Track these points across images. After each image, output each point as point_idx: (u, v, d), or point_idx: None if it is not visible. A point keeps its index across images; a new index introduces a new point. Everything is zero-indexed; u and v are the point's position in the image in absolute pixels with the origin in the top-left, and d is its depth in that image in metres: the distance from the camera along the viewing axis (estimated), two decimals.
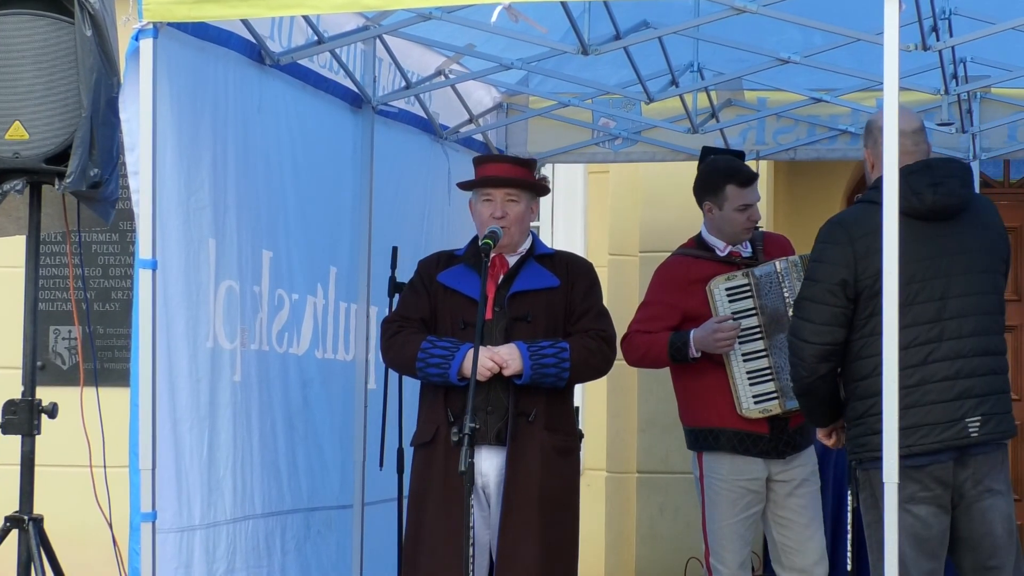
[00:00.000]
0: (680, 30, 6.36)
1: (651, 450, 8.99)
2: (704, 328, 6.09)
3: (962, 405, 5.09)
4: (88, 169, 5.12)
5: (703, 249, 6.27)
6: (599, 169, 9.24)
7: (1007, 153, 8.05)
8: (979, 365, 5.13)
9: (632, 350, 6.23)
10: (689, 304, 6.15)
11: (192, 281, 5.38)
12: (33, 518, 5.18)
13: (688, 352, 6.11)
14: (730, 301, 6.09)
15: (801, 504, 6.15)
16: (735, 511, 6.11)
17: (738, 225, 6.20)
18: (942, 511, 5.12)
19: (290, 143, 6.10)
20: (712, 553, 6.14)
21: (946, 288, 5.14)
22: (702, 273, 6.17)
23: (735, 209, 6.21)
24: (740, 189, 6.21)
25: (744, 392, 6.07)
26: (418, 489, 5.73)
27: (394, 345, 5.76)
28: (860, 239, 5.14)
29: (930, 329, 5.11)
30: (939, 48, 6.20)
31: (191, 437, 5.36)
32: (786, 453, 6.12)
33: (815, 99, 7.55)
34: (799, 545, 6.15)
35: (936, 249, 5.13)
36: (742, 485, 6.11)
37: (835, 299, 5.16)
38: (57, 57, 5.13)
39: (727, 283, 6.11)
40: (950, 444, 5.07)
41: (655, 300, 6.26)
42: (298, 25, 6.06)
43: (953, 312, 5.13)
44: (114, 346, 8.82)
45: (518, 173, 5.81)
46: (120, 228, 8.90)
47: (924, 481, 5.08)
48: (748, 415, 6.06)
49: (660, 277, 6.29)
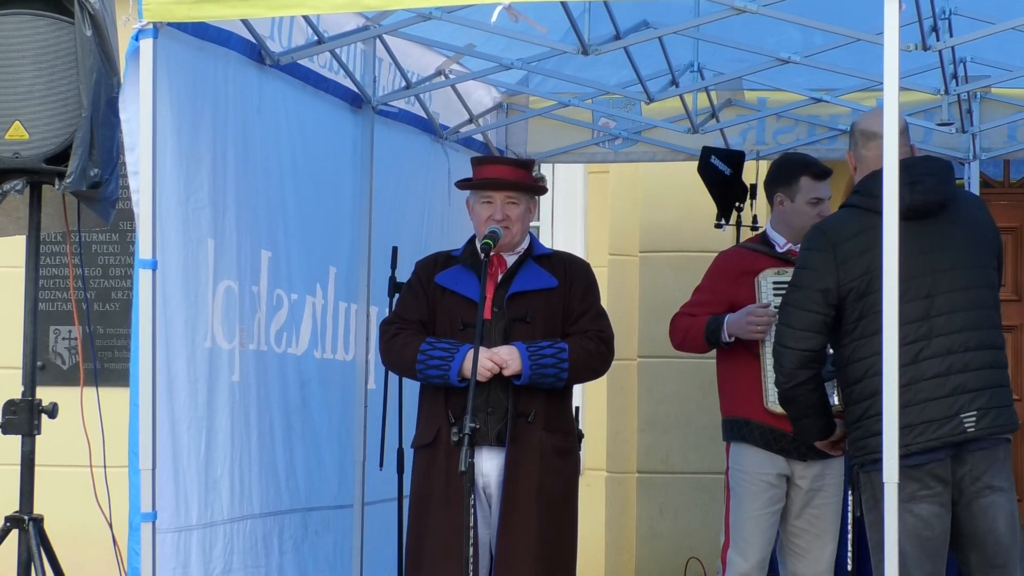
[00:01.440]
0: (680, 30, 6.36)
1: (651, 450, 8.99)
2: (740, 312, 6.10)
3: (956, 401, 5.07)
4: (88, 169, 5.12)
5: (764, 244, 6.28)
6: (599, 169, 9.24)
7: (1007, 153, 8.05)
8: (972, 360, 5.10)
9: (675, 332, 6.27)
10: (737, 295, 6.16)
11: (191, 281, 5.38)
12: (33, 518, 5.18)
13: (721, 335, 6.13)
14: (775, 294, 6.06)
15: (815, 514, 6.13)
16: (757, 505, 6.08)
17: (807, 218, 6.15)
18: (944, 510, 5.11)
19: (290, 143, 6.10)
20: (733, 545, 6.12)
21: (933, 285, 5.12)
22: (756, 266, 6.17)
23: (807, 202, 6.21)
24: (814, 182, 6.23)
25: (772, 385, 6.03)
26: (421, 491, 5.72)
27: (393, 347, 5.75)
28: (841, 244, 5.15)
29: (919, 327, 5.09)
30: (939, 48, 6.20)
31: (189, 437, 5.36)
32: (808, 456, 6.07)
33: (815, 99, 7.55)
34: (806, 553, 6.13)
35: (920, 247, 5.10)
36: (763, 479, 6.09)
37: (816, 306, 5.16)
38: (57, 57, 5.13)
39: (776, 276, 6.09)
40: (947, 441, 5.05)
41: (705, 287, 6.30)
42: (298, 25, 6.05)
43: (941, 308, 5.11)
44: (114, 346, 8.82)
45: (518, 176, 5.80)
46: (120, 228, 8.90)
47: (923, 479, 5.06)
48: (772, 409, 6.02)
49: (715, 266, 6.33)
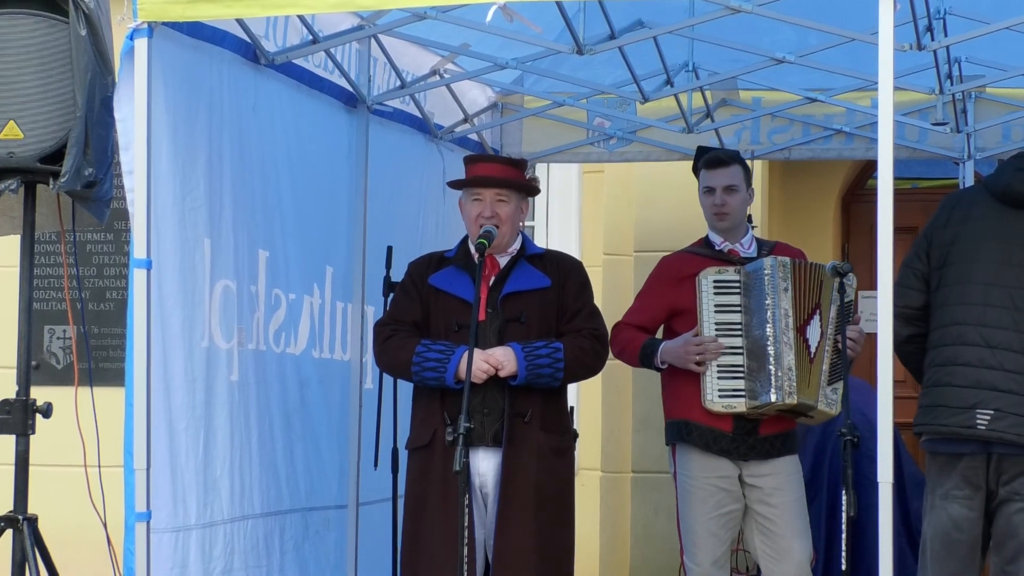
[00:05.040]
0: (675, 30, 6.36)
1: (646, 450, 8.99)
2: (677, 340, 6.02)
3: (977, 395, 5.02)
4: (83, 169, 5.12)
5: (705, 246, 6.23)
6: (594, 169, 9.24)
7: (1001, 153, 8.03)
8: (1007, 360, 5.03)
9: (614, 343, 6.16)
10: (678, 299, 6.08)
11: (187, 281, 5.38)
12: (28, 518, 5.18)
13: (654, 361, 6.07)
14: (715, 293, 5.99)
15: (775, 512, 6.00)
16: (706, 508, 5.98)
17: (706, 209, 6.14)
18: (975, 515, 5.07)
19: (285, 143, 6.10)
20: (685, 551, 6.04)
21: (997, 275, 5.06)
22: (696, 268, 6.07)
23: (703, 192, 6.17)
24: (706, 172, 6.16)
25: (711, 384, 5.96)
26: (416, 492, 5.72)
27: (388, 349, 5.75)
28: (953, 208, 5.12)
29: (970, 311, 5.04)
30: (934, 48, 6.20)
31: (187, 437, 5.36)
32: (749, 456, 5.98)
33: (810, 99, 7.56)
34: (775, 553, 6.01)
35: (1002, 234, 5.06)
36: (712, 483, 5.99)
37: (916, 260, 5.11)
38: (52, 56, 5.13)
39: (717, 275, 6.00)
40: (956, 431, 5.02)
41: (643, 293, 6.24)
42: (293, 25, 6.06)
43: (996, 300, 5.05)
44: (109, 346, 8.81)
45: (508, 173, 5.80)
46: (115, 228, 8.90)
47: (956, 479, 5.05)
48: (710, 408, 5.94)
49: (655, 271, 6.25)
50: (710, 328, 5.97)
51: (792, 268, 5.92)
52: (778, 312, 5.89)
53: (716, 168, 6.14)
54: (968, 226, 4.83)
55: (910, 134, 7.83)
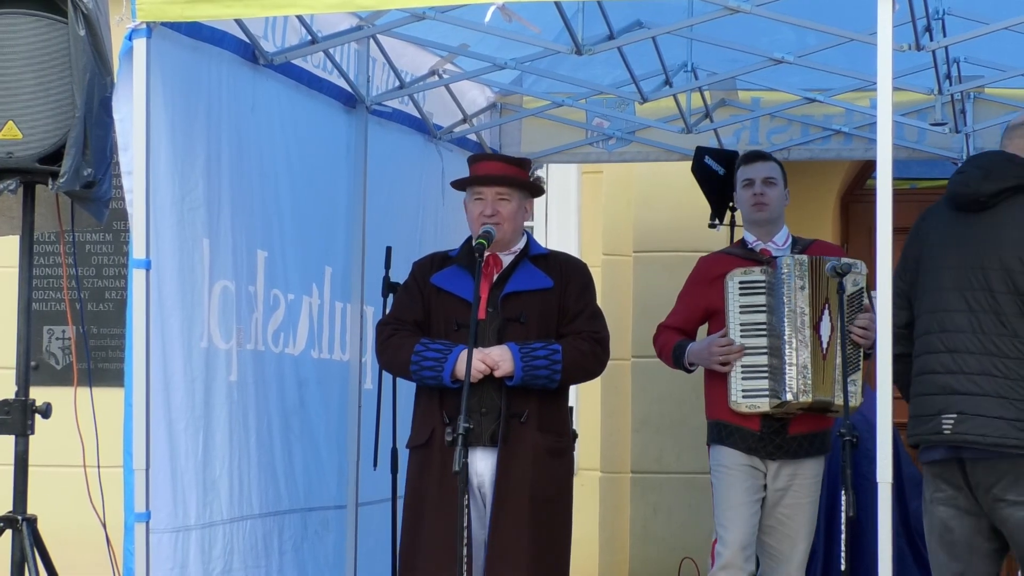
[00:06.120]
0: (674, 30, 6.37)
1: (645, 450, 8.99)
2: (703, 342, 6.09)
3: (943, 400, 5.06)
4: (81, 169, 5.11)
5: (741, 247, 6.26)
6: (593, 169, 9.24)
7: None
8: (969, 363, 5.06)
9: (655, 345, 6.28)
10: (712, 300, 6.13)
11: (186, 281, 5.38)
12: (27, 518, 5.18)
13: (683, 362, 6.14)
14: (741, 294, 6.02)
15: (786, 513, 6.04)
16: (738, 491, 5.99)
17: (744, 203, 6.19)
18: (960, 513, 5.09)
19: (284, 143, 6.10)
20: (718, 537, 6.07)
21: (956, 279, 5.08)
22: (727, 269, 6.11)
23: (741, 186, 6.22)
24: (744, 166, 6.24)
25: (736, 385, 6.00)
26: (415, 491, 5.72)
27: (388, 348, 5.75)
28: (920, 222, 5.19)
29: (935, 319, 5.08)
30: (932, 48, 6.21)
31: (186, 437, 5.36)
32: (776, 456, 6.02)
33: (809, 99, 7.56)
34: (777, 553, 6.06)
35: (958, 239, 5.08)
36: (742, 468, 6.01)
37: (897, 279, 5.11)
38: (51, 57, 5.13)
39: (743, 276, 6.04)
40: (927, 439, 5.07)
41: (682, 295, 6.30)
42: (292, 25, 6.06)
43: (956, 305, 5.09)
44: (108, 346, 8.81)
45: (509, 171, 5.80)
46: (114, 228, 8.90)
47: (937, 482, 5.09)
48: (735, 408, 5.99)
49: (692, 273, 6.31)
50: (735, 329, 6.01)
51: (808, 266, 5.96)
52: (796, 310, 5.93)
53: (755, 162, 6.23)
54: (931, 237, 4.90)
55: (909, 134, 7.83)
